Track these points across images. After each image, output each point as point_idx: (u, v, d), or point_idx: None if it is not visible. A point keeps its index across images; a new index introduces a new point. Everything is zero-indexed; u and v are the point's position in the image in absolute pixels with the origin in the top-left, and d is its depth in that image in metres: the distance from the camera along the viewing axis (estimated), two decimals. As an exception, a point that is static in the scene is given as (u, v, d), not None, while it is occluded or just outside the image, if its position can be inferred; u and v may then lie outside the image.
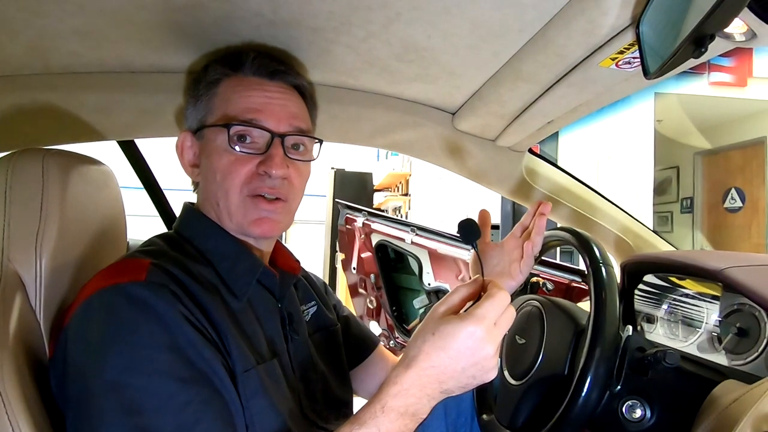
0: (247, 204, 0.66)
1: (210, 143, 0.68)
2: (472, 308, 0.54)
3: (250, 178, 0.66)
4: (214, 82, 0.69)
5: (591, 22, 0.61)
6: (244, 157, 0.66)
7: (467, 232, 0.64)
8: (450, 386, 0.54)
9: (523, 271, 0.83)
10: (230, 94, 0.68)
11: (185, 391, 0.52)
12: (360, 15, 0.67)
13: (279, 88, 0.70)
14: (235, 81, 0.69)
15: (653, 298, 0.90)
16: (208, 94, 0.69)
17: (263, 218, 0.66)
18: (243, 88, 0.68)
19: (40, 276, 0.61)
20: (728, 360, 0.71)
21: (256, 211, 0.66)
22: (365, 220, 1.88)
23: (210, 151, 0.67)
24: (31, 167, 0.63)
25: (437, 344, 0.53)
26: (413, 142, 1.08)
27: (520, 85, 0.81)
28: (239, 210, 0.66)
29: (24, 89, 0.82)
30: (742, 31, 0.56)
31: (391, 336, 1.93)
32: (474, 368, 0.54)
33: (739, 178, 4.69)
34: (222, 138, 0.66)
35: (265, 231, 0.67)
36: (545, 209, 0.83)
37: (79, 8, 0.64)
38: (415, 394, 0.53)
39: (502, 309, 0.55)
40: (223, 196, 0.66)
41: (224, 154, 0.66)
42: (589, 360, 0.64)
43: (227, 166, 0.66)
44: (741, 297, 0.72)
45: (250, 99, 0.67)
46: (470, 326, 0.53)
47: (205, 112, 0.69)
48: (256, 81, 0.69)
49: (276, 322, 0.69)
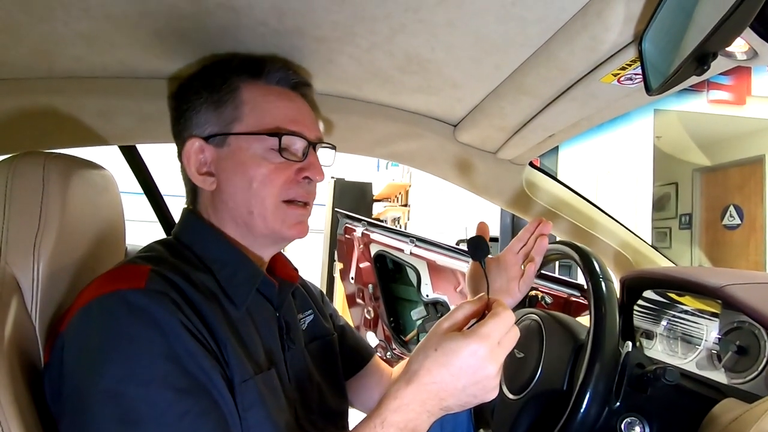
0: (283, 209, 0.68)
1: (240, 152, 0.67)
2: (477, 326, 0.54)
3: (288, 184, 0.68)
4: (236, 89, 0.68)
5: (593, 38, 0.61)
6: (283, 164, 0.67)
7: (477, 249, 0.65)
8: (450, 403, 0.54)
9: (522, 290, 0.83)
10: (261, 103, 0.68)
11: (183, 402, 0.51)
12: (364, 26, 0.68)
13: (300, 98, 0.73)
14: (259, 89, 0.69)
15: (652, 314, 0.90)
16: (234, 101, 0.68)
17: (300, 222, 0.69)
18: (274, 98, 0.69)
19: (37, 280, 0.61)
20: (728, 378, 0.70)
21: (293, 216, 0.68)
22: (364, 230, 1.87)
23: (242, 160, 0.67)
24: (31, 170, 0.63)
25: (439, 360, 0.53)
26: (414, 153, 1.09)
27: (522, 98, 0.81)
28: (276, 216, 0.67)
29: (27, 92, 0.83)
30: (743, 50, 0.57)
31: (388, 347, 1.92)
32: (475, 387, 0.53)
33: (737, 196, 4.71)
34: (259, 146, 0.67)
35: (300, 233, 0.70)
36: (546, 229, 0.83)
37: (85, 13, 0.64)
38: (415, 409, 0.53)
39: (506, 329, 0.54)
40: (259, 203, 0.67)
41: (262, 161, 0.66)
42: (588, 375, 0.63)
43: (267, 173, 0.66)
44: (741, 315, 0.72)
45: (286, 110, 0.69)
46: (473, 344, 0.52)
47: (231, 119, 0.68)
48: (282, 91, 0.71)
49: (274, 331, 0.69)
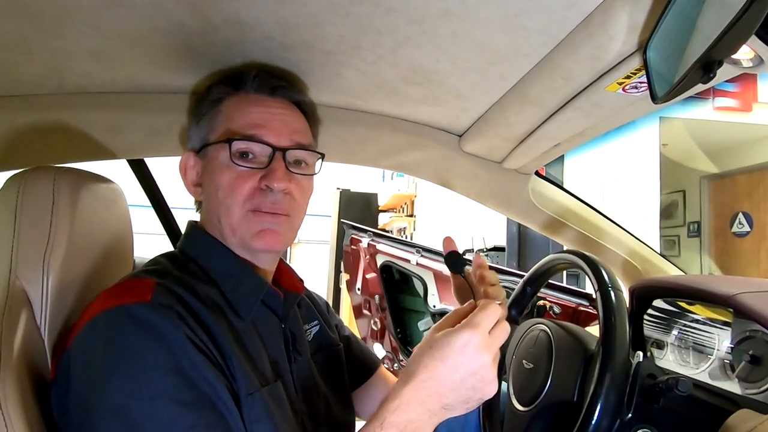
0: (249, 218, 0.66)
1: (212, 161, 0.68)
2: (466, 319, 0.55)
3: (252, 193, 0.66)
4: (216, 101, 0.70)
5: (598, 48, 0.61)
6: (246, 172, 0.66)
7: (454, 263, 0.71)
8: (450, 400, 0.54)
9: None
10: (233, 112, 0.68)
11: (189, 415, 0.51)
12: (369, 39, 0.68)
13: (280, 104, 0.70)
14: (237, 99, 0.69)
15: (663, 323, 0.89)
16: (210, 113, 0.70)
17: (265, 230, 0.66)
18: (245, 105, 0.69)
19: (46, 293, 0.61)
20: (741, 388, 0.69)
21: (258, 223, 0.65)
22: (370, 241, 1.87)
23: (212, 169, 0.68)
24: (42, 185, 0.64)
25: (434, 355, 0.54)
26: (420, 164, 1.09)
27: (527, 108, 0.81)
28: (241, 224, 0.66)
29: (38, 109, 0.84)
30: (749, 57, 0.56)
31: (395, 358, 1.90)
32: (473, 378, 0.53)
33: (746, 203, 4.66)
34: (224, 155, 0.66)
35: (267, 244, 0.66)
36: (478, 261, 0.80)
37: (96, 30, 0.66)
38: (415, 409, 0.52)
39: (494, 318, 0.56)
40: (225, 212, 0.66)
41: (226, 170, 0.66)
42: (598, 386, 0.63)
43: (229, 182, 0.65)
44: (753, 323, 0.71)
45: (251, 115, 0.68)
46: (465, 333, 0.53)
47: (208, 130, 0.69)
48: (258, 98, 0.69)
49: (279, 343, 0.69)
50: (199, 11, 0.62)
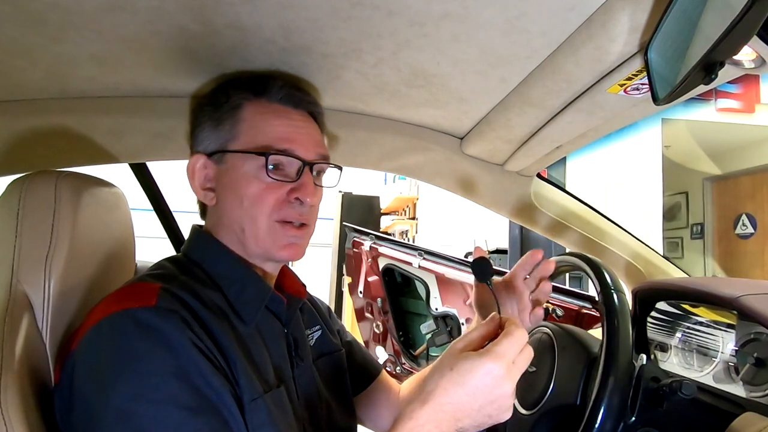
0: (276, 230, 0.67)
1: (236, 169, 0.67)
2: (491, 345, 0.54)
3: (280, 204, 0.67)
4: (237, 107, 0.69)
5: (599, 49, 0.61)
6: (275, 184, 0.66)
7: (481, 270, 0.66)
8: (465, 424, 0.53)
9: (532, 322, 0.81)
10: (257, 122, 0.68)
11: (193, 421, 0.51)
12: (370, 42, 0.68)
13: (302, 116, 0.71)
14: (260, 107, 0.69)
15: (666, 326, 0.88)
16: (231, 119, 0.69)
17: (291, 244, 0.68)
18: (270, 116, 0.69)
19: (48, 298, 0.61)
20: (746, 391, 0.69)
21: (285, 237, 0.67)
22: (372, 244, 1.87)
23: (236, 177, 0.67)
24: (44, 189, 0.64)
25: (455, 380, 0.53)
26: (421, 167, 1.09)
27: (528, 110, 0.81)
28: (268, 236, 0.66)
29: (41, 113, 0.84)
30: (751, 58, 0.56)
31: (398, 361, 1.90)
32: (491, 407, 0.53)
33: (749, 204, 4.65)
34: (251, 165, 0.66)
35: (292, 255, 0.68)
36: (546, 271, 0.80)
37: (98, 35, 0.66)
38: (430, 430, 0.52)
39: (520, 347, 0.54)
40: (250, 222, 0.66)
41: (254, 180, 0.66)
42: (602, 390, 0.62)
43: (258, 193, 0.66)
44: (757, 326, 0.70)
45: (279, 128, 0.68)
46: (489, 363, 0.52)
47: (229, 137, 0.68)
48: (282, 109, 0.70)
49: (282, 348, 0.69)
50: (201, 16, 0.62)
